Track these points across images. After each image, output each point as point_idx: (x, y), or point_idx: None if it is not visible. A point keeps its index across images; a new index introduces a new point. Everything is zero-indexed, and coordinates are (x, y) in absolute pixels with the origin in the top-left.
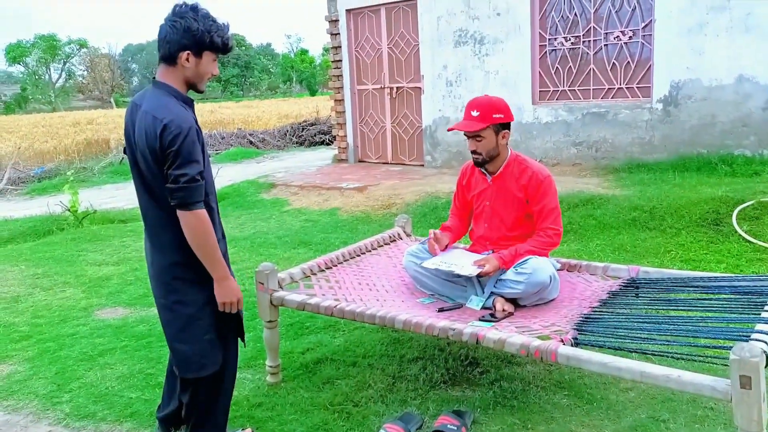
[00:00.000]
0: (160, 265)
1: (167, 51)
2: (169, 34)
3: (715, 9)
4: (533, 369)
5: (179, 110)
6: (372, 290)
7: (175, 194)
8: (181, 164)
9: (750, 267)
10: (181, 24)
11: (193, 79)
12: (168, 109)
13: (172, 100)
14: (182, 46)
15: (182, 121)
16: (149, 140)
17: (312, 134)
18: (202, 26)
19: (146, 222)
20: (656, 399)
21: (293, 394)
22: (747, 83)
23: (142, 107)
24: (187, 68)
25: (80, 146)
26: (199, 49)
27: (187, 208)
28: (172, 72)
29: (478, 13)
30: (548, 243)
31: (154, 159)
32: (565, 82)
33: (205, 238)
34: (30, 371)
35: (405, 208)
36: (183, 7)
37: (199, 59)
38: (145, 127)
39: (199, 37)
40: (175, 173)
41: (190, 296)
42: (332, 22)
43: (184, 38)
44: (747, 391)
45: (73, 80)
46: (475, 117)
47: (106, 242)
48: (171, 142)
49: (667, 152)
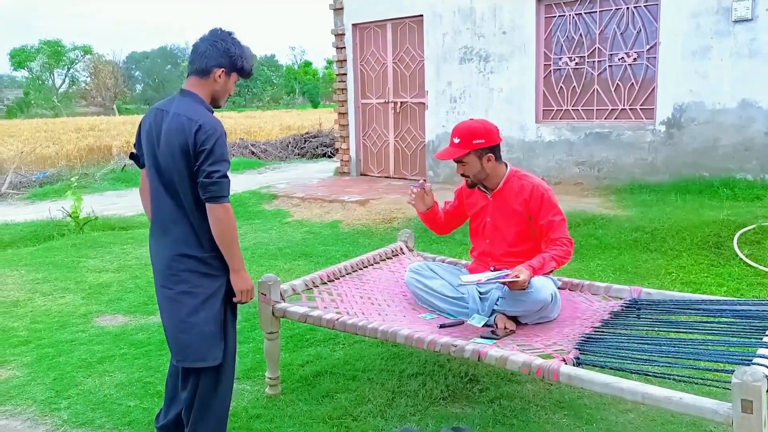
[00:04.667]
0: (171, 257)
1: (203, 65)
2: (208, 51)
3: (719, 34)
4: (533, 387)
5: (211, 115)
6: (374, 304)
7: (209, 188)
8: (214, 162)
9: (751, 291)
10: (221, 45)
11: (218, 94)
12: (201, 113)
13: (201, 107)
14: (218, 64)
15: (215, 123)
16: (181, 139)
17: (314, 146)
18: (237, 51)
19: (160, 216)
20: (656, 422)
21: (292, 407)
22: (750, 108)
23: (171, 111)
24: (217, 83)
25: (82, 152)
26: (230, 70)
27: (217, 201)
28: (203, 84)
29: (483, 31)
30: (567, 252)
31: (183, 157)
32: (569, 102)
33: (230, 229)
34: (28, 377)
35: (406, 223)
36: (222, 32)
37: (228, 78)
38: (176, 127)
39: (233, 59)
40: (209, 169)
41: (198, 288)
42: (338, 36)
43: (221, 57)
44: (749, 415)
45: (76, 86)
46: (457, 144)
47: (106, 249)
48: (205, 141)
49: (669, 174)
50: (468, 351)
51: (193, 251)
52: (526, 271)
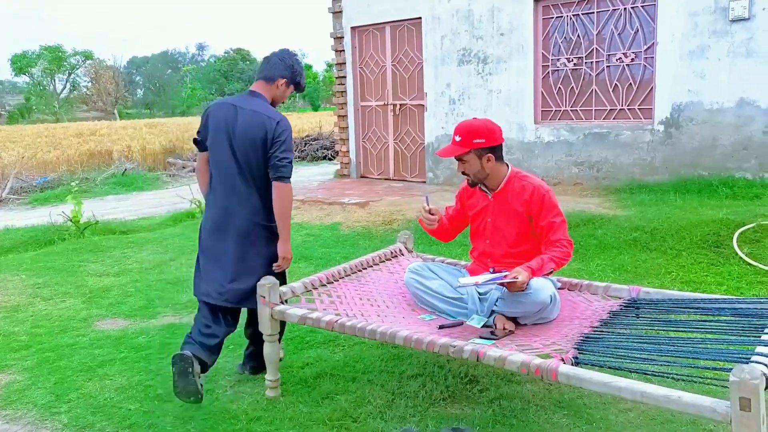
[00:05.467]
0: (245, 225)
1: (271, 74)
2: (277, 63)
3: (717, 33)
4: (533, 388)
5: (281, 115)
6: (373, 306)
7: (280, 170)
8: (285, 150)
9: (750, 290)
10: (288, 61)
11: (276, 99)
12: (275, 112)
13: (271, 107)
14: (282, 75)
15: (286, 121)
16: (261, 132)
17: (314, 149)
18: (299, 69)
19: (233, 192)
20: (656, 420)
21: (292, 409)
22: (748, 107)
23: (246, 108)
24: (278, 90)
25: (83, 157)
26: (290, 82)
27: (283, 181)
28: (268, 89)
29: (482, 33)
30: (566, 253)
31: (261, 146)
32: (568, 102)
33: (289, 204)
34: (29, 381)
35: (406, 225)
36: (290, 52)
37: (287, 88)
38: (257, 122)
39: (294, 74)
40: (281, 155)
41: (263, 249)
42: (337, 39)
43: (286, 70)
44: (747, 413)
45: (77, 91)
46: (458, 142)
47: (107, 253)
48: (281, 134)
49: (668, 174)
50: (467, 351)
51: (263, 221)
52: (524, 273)
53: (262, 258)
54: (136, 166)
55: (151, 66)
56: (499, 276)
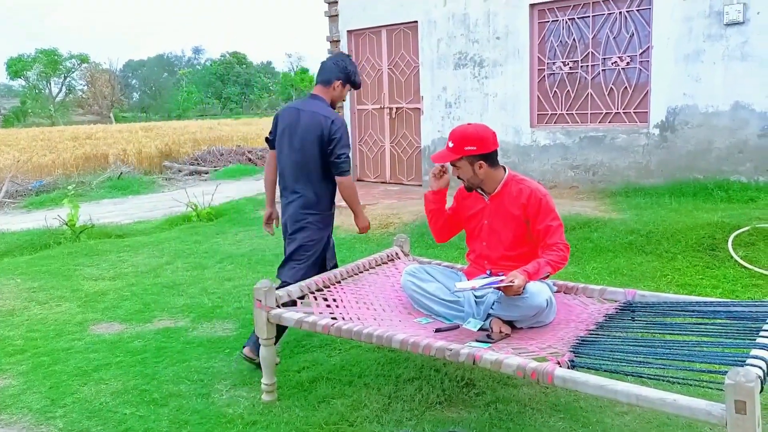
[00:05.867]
0: (299, 213)
1: (327, 77)
2: (332, 67)
3: (711, 37)
4: (529, 391)
5: (337, 113)
6: (369, 309)
7: (339, 166)
8: (341, 147)
9: (745, 292)
10: (341, 64)
11: (335, 99)
12: (332, 111)
13: (329, 108)
14: (338, 77)
15: (342, 119)
16: (318, 130)
17: None
18: (352, 69)
19: (294, 186)
20: (651, 423)
21: (288, 413)
22: (743, 110)
23: (306, 110)
24: (335, 91)
25: (79, 161)
26: (345, 82)
27: (344, 174)
28: (326, 91)
29: (478, 36)
30: (563, 257)
31: (318, 143)
32: (563, 106)
33: (352, 192)
34: (24, 385)
35: (403, 228)
36: (343, 55)
37: (343, 88)
38: (315, 121)
39: (348, 74)
40: (339, 152)
41: (316, 235)
42: (333, 43)
43: (340, 72)
44: (742, 416)
45: (73, 95)
46: (451, 148)
47: (102, 257)
48: (336, 132)
49: (664, 177)
50: (463, 355)
51: (315, 210)
52: (521, 276)
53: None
54: (131, 170)
55: (147, 69)
56: (495, 280)
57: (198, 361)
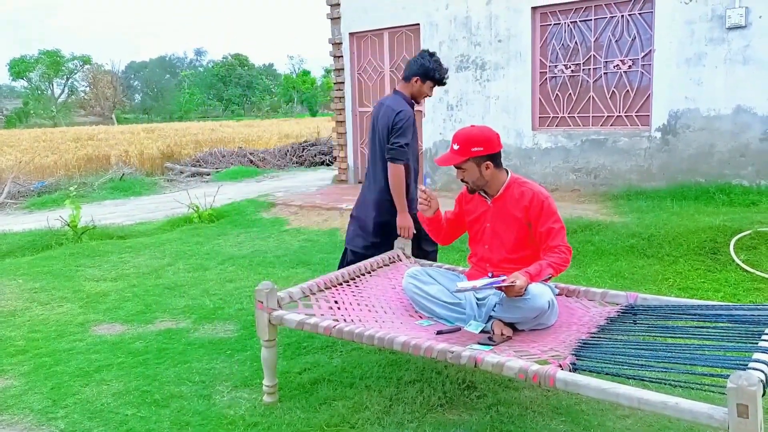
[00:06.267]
0: (379, 197)
1: (407, 73)
2: (411, 64)
3: (713, 41)
4: (530, 394)
5: (407, 107)
6: (371, 311)
7: (390, 152)
8: (398, 136)
9: (747, 296)
10: (420, 61)
11: (415, 95)
12: (401, 105)
13: (403, 102)
14: (415, 73)
15: (408, 113)
16: (386, 121)
17: (312, 154)
18: (431, 65)
19: (373, 173)
20: (653, 427)
21: (290, 415)
22: (745, 114)
23: (385, 104)
24: (414, 87)
25: (81, 162)
26: (424, 78)
27: (395, 162)
28: (406, 87)
29: (480, 39)
30: (565, 260)
31: (386, 132)
32: (565, 109)
33: (399, 182)
34: (25, 386)
35: None
36: (425, 53)
37: (423, 84)
38: (385, 113)
39: (426, 70)
40: (394, 140)
41: (389, 218)
42: (335, 45)
43: (419, 69)
44: (744, 419)
45: (75, 96)
46: (456, 150)
47: (104, 258)
48: (398, 122)
49: (666, 180)
50: (465, 357)
51: (389, 196)
52: (522, 278)
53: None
54: (133, 171)
55: (149, 71)
56: (497, 280)
57: (199, 363)
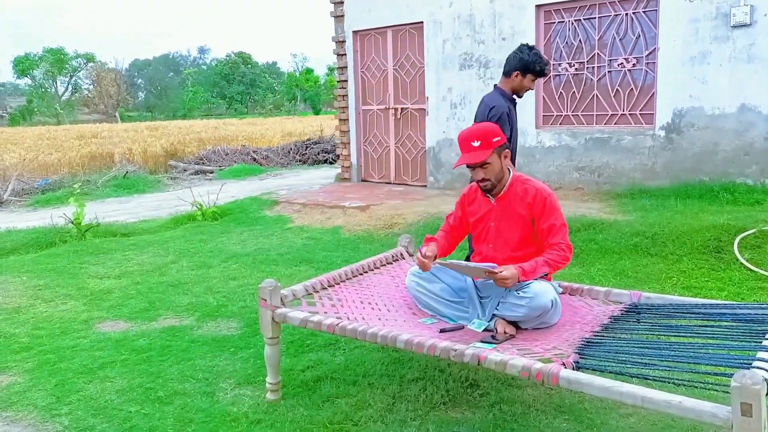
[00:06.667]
0: None
1: (507, 68)
2: (511, 59)
3: (718, 39)
4: (533, 392)
5: (501, 101)
6: (374, 309)
7: None
8: None
9: (751, 295)
10: (519, 55)
11: (516, 89)
12: (495, 99)
13: (500, 97)
14: (516, 68)
15: (500, 106)
16: (481, 116)
17: (315, 152)
18: (530, 58)
19: None
20: (656, 426)
21: (293, 412)
22: (749, 112)
23: (484, 99)
24: (515, 81)
25: (84, 159)
26: (524, 72)
27: None
28: (506, 81)
29: (483, 37)
30: (564, 257)
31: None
32: (569, 107)
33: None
34: (29, 383)
35: (407, 228)
36: (524, 46)
37: (523, 78)
38: (482, 111)
39: (526, 64)
40: None
41: None
42: (339, 43)
43: (518, 64)
44: (748, 418)
45: (78, 94)
46: (477, 147)
47: (108, 255)
48: (491, 117)
49: (670, 179)
50: (468, 355)
51: None
52: (513, 271)
53: None
54: (137, 169)
55: (153, 69)
56: (487, 264)
57: (203, 360)
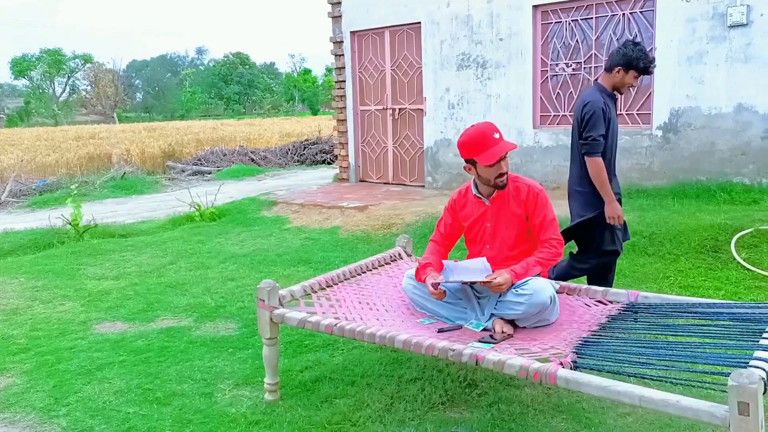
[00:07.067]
0: (571, 189)
1: (609, 64)
2: (614, 54)
3: (715, 39)
4: (531, 392)
5: (598, 98)
6: (372, 309)
7: (584, 147)
8: (588, 129)
9: (748, 294)
10: (622, 51)
11: (617, 85)
12: (592, 95)
13: (597, 93)
14: (618, 63)
15: (595, 102)
16: (577, 113)
17: (313, 153)
18: (634, 54)
19: (571, 163)
20: (654, 425)
21: (291, 413)
22: (746, 112)
23: (582, 95)
24: (616, 77)
25: (82, 160)
26: (627, 68)
27: (589, 156)
28: (606, 77)
29: (481, 38)
30: (555, 253)
31: (577, 124)
32: (566, 107)
33: (598, 174)
34: (27, 384)
35: (405, 229)
36: (628, 42)
37: (625, 74)
38: (578, 107)
39: (629, 59)
40: (585, 135)
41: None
42: (337, 44)
43: (620, 59)
44: (745, 417)
45: (76, 95)
46: (501, 137)
47: (106, 256)
48: (585, 114)
49: (667, 179)
50: (466, 355)
51: (579, 187)
52: (506, 275)
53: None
54: (135, 170)
55: (151, 70)
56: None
57: (201, 361)
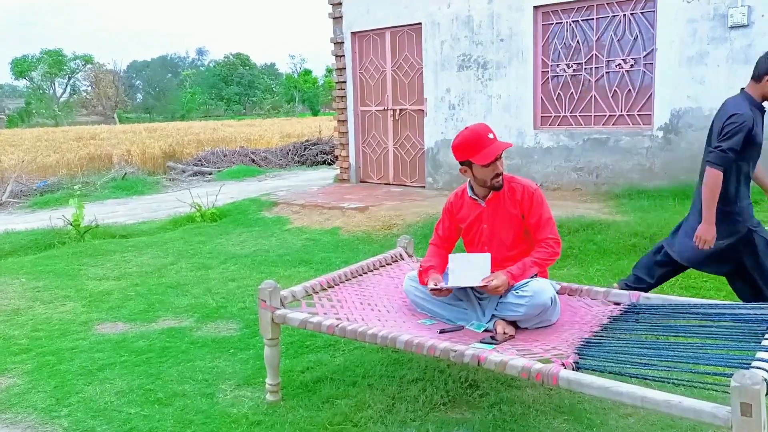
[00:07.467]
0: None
1: (757, 72)
2: (762, 62)
3: (715, 40)
4: (533, 392)
5: (745, 109)
6: (374, 310)
7: (709, 154)
8: (722, 138)
9: None
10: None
11: (766, 94)
12: (739, 106)
13: (745, 103)
14: (766, 71)
15: (743, 116)
16: (718, 122)
17: (314, 154)
18: None
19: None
20: (656, 426)
21: (292, 413)
22: None
23: (725, 103)
24: (766, 87)
25: (83, 161)
26: None
27: (711, 166)
28: (755, 87)
29: (481, 38)
30: (552, 253)
31: (716, 134)
32: (567, 108)
33: (710, 189)
34: (29, 384)
35: (406, 229)
36: None
37: None
38: (721, 114)
39: None
40: (716, 143)
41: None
42: (337, 44)
43: None
44: (748, 418)
45: (77, 95)
46: (495, 137)
47: (107, 257)
48: (727, 125)
49: (668, 179)
50: (467, 356)
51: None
52: (502, 278)
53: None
54: (136, 171)
55: (151, 70)
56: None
57: (202, 361)
